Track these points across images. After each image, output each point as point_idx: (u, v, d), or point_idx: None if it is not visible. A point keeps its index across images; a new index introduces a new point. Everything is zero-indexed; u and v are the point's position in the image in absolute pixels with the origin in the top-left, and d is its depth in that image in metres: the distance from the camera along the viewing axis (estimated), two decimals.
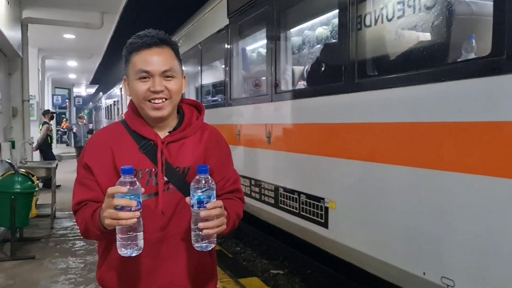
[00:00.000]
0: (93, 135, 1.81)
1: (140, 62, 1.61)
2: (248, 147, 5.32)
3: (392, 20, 3.23)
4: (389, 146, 3.06)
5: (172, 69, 1.64)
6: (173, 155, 1.67)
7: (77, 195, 1.67)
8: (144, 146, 1.66)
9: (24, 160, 7.57)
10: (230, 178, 1.79)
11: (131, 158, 1.63)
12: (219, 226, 1.49)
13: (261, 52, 5.88)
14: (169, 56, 1.65)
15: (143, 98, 1.62)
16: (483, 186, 2.37)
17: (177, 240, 1.66)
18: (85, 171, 1.67)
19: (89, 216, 1.58)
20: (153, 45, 1.62)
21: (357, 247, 3.41)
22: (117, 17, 8.74)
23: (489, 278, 2.38)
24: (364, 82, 3.32)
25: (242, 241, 6.62)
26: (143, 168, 1.64)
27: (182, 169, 1.67)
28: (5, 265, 5.03)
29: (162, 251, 1.66)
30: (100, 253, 1.77)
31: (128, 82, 1.69)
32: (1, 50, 6.49)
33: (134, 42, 1.64)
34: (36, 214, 6.79)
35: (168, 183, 1.65)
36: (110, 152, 1.66)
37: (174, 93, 1.64)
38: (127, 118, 1.74)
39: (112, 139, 1.70)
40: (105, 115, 29.06)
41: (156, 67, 1.61)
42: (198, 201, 1.44)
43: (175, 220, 1.65)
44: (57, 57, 13.79)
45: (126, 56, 1.68)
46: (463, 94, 2.49)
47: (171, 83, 1.64)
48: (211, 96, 7.34)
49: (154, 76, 1.61)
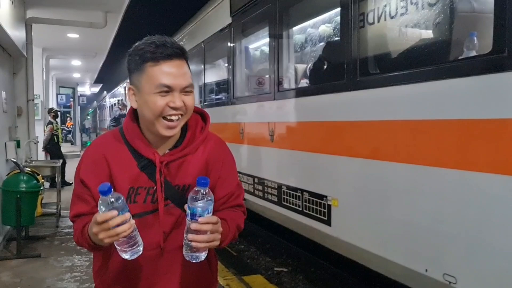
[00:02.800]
0: (89, 146, 1.72)
1: (161, 76, 1.48)
2: (251, 145, 5.34)
3: (394, 18, 3.23)
4: (392, 143, 3.07)
5: (191, 85, 1.54)
6: (172, 173, 1.60)
7: (74, 208, 1.63)
8: (142, 163, 1.58)
9: (29, 159, 7.60)
10: (234, 193, 1.71)
11: (128, 174, 1.58)
12: (209, 242, 1.43)
13: (264, 50, 5.89)
14: (186, 69, 1.54)
15: (160, 114, 1.50)
16: (485, 183, 2.38)
17: (175, 255, 1.60)
18: (81, 186, 1.61)
19: (79, 233, 1.56)
20: (173, 56, 1.50)
21: (360, 244, 3.42)
22: (120, 16, 8.75)
23: (491, 274, 2.39)
24: (366, 80, 3.33)
25: (246, 239, 6.64)
26: (141, 186, 1.58)
27: (182, 187, 1.60)
28: (11, 263, 5.08)
29: (161, 266, 1.62)
30: (96, 268, 1.72)
31: (139, 92, 1.55)
32: (5, 50, 6.52)
33: (150, 50, 1.49)
34: (41, 213, 6.83)
35: (166, 199, 1.59)
36: (106, 167, 1.59)
37: (190, 108, 1.55)
38: (126, 131, 1.63)
39: (109, 152, 1.61)
40: (109, 114, 29.14)
41: (179, 82, 1.50)
42: (192, 213, 1.40)
43: (173, 235, 1.60)
44: (61, 56, 13.82)
45: (138, 63, 1.52)
46: (465, 91, 2.50)
47: (189, 98, 1.54)
48: (215, 95, 7.35)
49: (174, 91, 1.49)
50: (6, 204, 5.31)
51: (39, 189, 5.68)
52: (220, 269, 4.59)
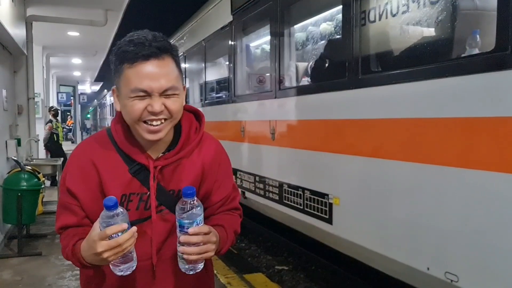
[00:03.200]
0: (74, 151, 1.56)
1: (136, 79, 1.35)
2: (252, 144, 5.34)
3: (396, 15, 3.23)
4: (393, 142, 3.06)
5: (173, 87, 1.39)
6: (166, 178, 1.50)
7: (60, 219, 1.51)
8: (134, 168, 1.47)
9: (30, 157, 7.61)
10: (230, 196, 1.63)
11: (119, 181, 1.46)
12: (201, 253, 1.35)
13: (265, 48, 5.88)
14: (169, 69, 1.39)
15: (139, 119, 1.39)
16: (487, 181, 2.37)
17: (170, 264, 1.52)
18: (68, 196, 1.49)
19: (70, 252, 1.44)
20: (150, 56, 1.36)
21: (361, 242, 3.41)
22: (121, 14, 8.74)
23: (493, 273, 2.39)
24: (368, 78, 3.32)
25: (247, 237, 6.65)
26: (133, 192, 1.47)
27: (177, 192, 1.50)
28: (13, 261, 5.08)
29: (156, 275, 1.54)
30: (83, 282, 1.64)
31: (118, 94, 1.45)
32: (6, 48, 6.51)
33: (127, 51, 1.37)
34: (42, 211, 6.83)
35: (160, 205, 1.49)
36: (95, 174, 1.46)
37: (174, 112, 1.41)
38: (115, 134, 1.49)
39: (97, 157, 1.48)
40: (109, 112, 29.18)
41: (156, 85, 1.35)
42: (180, 225, 1.34)
43: (168, 243, 1.51)
44: (61, 54, 13.80)
45: (116, 65, 1.41)
46: (467, 89, 2.49)
47: (172, 101, 1.39)
48: (215, 93, 7.35)
49: (152, 95, 1.36)
50: (7, 202, 5.31)
51: (40, 188, 5.67)
52: (221, 267, 4.59)
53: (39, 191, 5.68)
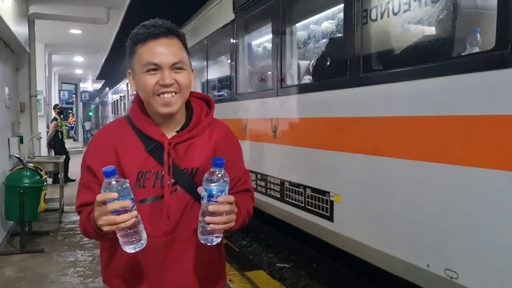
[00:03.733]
0: (96, 133, 1.71)
1: (148, 54, 1.51)
2: (254, 142, 5.35)
3: (397, 14, 3.24)
4: (394, 140, 3.08)
5: (182, 61, 1.54)
6: (180, 156, 1.59)
7: (80, 197, 1.61)
8: (150, 147, 1.58)
9: (32, 155, 7.63)
10: (241, 178, 1.71)
11: (136, 159, 1.57)
12: (226, 223, 1.42)
13: (267, 46, 5.89)
14: (177, 47, 1.55)
15: (152, 93, 1.52)
16: (487, 179, 2.39)
17: (185, 244, 1.59)
18: (88, 174, 1.59)
19: (85, 218, 1.54)
20: (160, 35, 1.52)
21: (362, 240, 3.43)
22: (123, 12, 8.73)
23: (492, 269, 2.41)
24: (369, 76, 3.33)
25: (248, 235, 6.67)
26: (150, 170, 1.56)
27: (190, 171, 1.59)
28: (15, 258, 5.11)
29: (169, 255, 1.59)
30: (103, 259, 1.71)
31: (133, 75, 1.59)
32: (8, 46, 6.52)
33: (140, 33, 1.53)
34: (44, 208, 6.84)
35: (175, 184, 1.57)
36: (114, 153, 1.57)
37: (184, 86, 1.55)
38: (133, 116, 1.63)
39: (116, 139, 1.61)
40: (111, 110, 29.19)
41: (165, 59, 1.50)
42: (209, 195, 1.38)
43: (182, 223, 1.58)
44: (63, 52, 13.81)
45: (131, 47, 1.56)
46: (467, 88, 2.51)
47: (181, 76, 1.53)
48: (217, 91, 7.36)
49: (163, 69, 1.50)
50: (10, 199, 5.34)
51: (42, 185, 5.70)
52: None
53: (41, 188, 5.71)
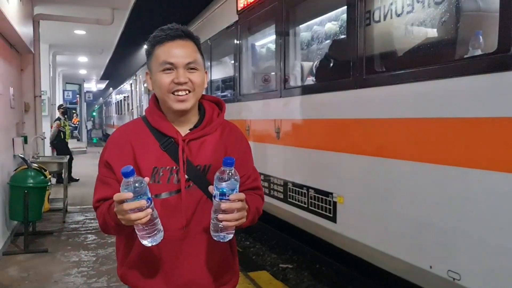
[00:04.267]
0: (114, 131, 1.79)
1: (164, 54, 1.61)
2: (257, 142, 5.36)
3: (400, 16, 3.24)
4: (397, 141, 3.08)
5: (196, 62, 1.63)
6: (193, 153, 1.66)
7: (97, 192, 1.68)
8: (165, 143, 1.65)
9: (37, 155, 7.66)
10: (251, 175, 1.77)
11: (152, 155, 1.64)
12: (238, 220, 1.47)
13: (270, 48, 5.90)
14: (192, 49, 1.65)
15: (167, 91, 1.61)
16: (489, 181, 2.40)
17: (198, 239, 1.65)
18: (105, 169, 1.67)
19: (106, 210, 1.59)
20: (176, 37, 1.63)
21: (365, 241, 3.44)
22: (127, 13, 8.76)
23: (495, 271, 2.41)
24: (372, 78, 3.34)
25: (251, 235, 6.68)
26: (164, 166, 1.63)
27: (203, 167, 1.66)
28: (19, 258, 5.13)
29: (184, 249, 1.65)
30: (120, 252, 1.76)
31: (151, 75, 1.69)
32: (13, 46, 6.56)
33: (158, 35, 1.64)
34: (48, 208, 6.88)
35: (188, 180, 1.63)
36: (131, 149, 1.65)
37: (197, 85, 1.64)
38: (148, 114, 1.72)
39: (133, 136, 1.69)
40: (115, 111, 29.24)
41: (180, 59, 1.60)
42: (221, 193, 1.43)
43: (196, 218, 1.64)
44: (68, 53, 13.85)
45: (149, 49, 1.67)
46: (470, 90, 2.51)
47: (195, 75, 1.63)
48: (221, 92, 7.38)
49: (178, 68, 1.60)
50: (14, 199, 5.36)
51: (46, 185, 5.72)
52: None
53: (45, 188, 5.73)
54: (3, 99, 5.64)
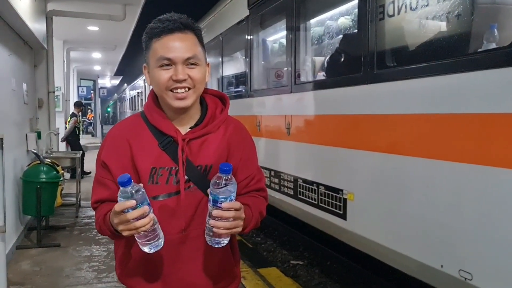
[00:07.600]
0: (111, 129, 1.71)
1: (162, 49, 1.50)
2: (268, 138, 5.34)
3: (413, 9, 3.18)
4: (409, 138, 3.03)
5: (196, 56, 1.52)
6: (194, 152, 1.57)
7: (95, 193, 1.62)
8: (164, 142, 1.57)
9: (50, 150, 7.73)
10: (255, 176, 1.69)
11: (149, 155, 1.56)
12: (230, 229, 1.41)
13: (281, 43, 5.86)
14: (192, 42, 1.53)
15: (165, 88, 1.52)
16: (503, 178, 2.33)
17: (198, 242, 1.57)
18: (102, 170, 1.60)
19: (101, 220, 1.54)
20: (175, 30, 1.51)
21: (375, 239, 3.39)
22: (139, 9, 8.79)
23: (507, 271, 2.35)
24: (384, 73, 3.28)
25: (263, 231, 6.66)
26: (163, 166, 1.55)
27: (204, 168, 1.58)
28: (32, 252, 5.19)
29: (183, 252, 1.59)
30: (120, 250, 1.70)
31: (148, 70, 1.59)
32: (26, 43, 6.61)
33: (155, 27, 1.53)
34: (61, 203, 6.93)
35: (188, 181, 1.56)
36: (128, 148, 1.57)
37: (197, 82, 1.53)
38: (147, 111, 1.63)
39: (130, 134, 1.60)
40: (129, 106, 29.43)
41: (179, 54, 1.50)
42: (214, 200, 1.39)
43: (196, 220, 1.56)
44: (81, 49, 13.96)
45: (146, 42, 1.56)
46: (484, 85, 2.45)
47: (195, 71, 1.52)
48: (232, 87, 7.36)
49: (176, 64, 1.50)
50: (27, 194, 5.41)
51: (59, 180, 5.77)
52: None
53: (57, 183, 5.78)
54: (16, 95, 5.69)
